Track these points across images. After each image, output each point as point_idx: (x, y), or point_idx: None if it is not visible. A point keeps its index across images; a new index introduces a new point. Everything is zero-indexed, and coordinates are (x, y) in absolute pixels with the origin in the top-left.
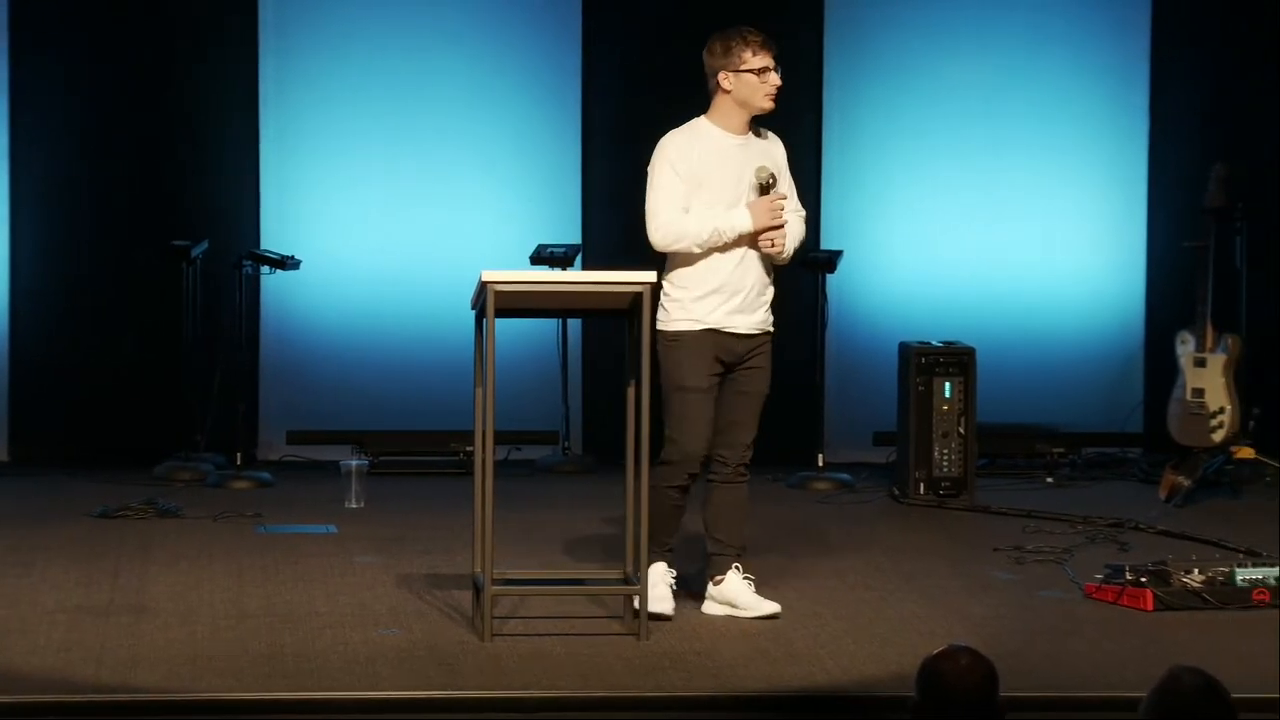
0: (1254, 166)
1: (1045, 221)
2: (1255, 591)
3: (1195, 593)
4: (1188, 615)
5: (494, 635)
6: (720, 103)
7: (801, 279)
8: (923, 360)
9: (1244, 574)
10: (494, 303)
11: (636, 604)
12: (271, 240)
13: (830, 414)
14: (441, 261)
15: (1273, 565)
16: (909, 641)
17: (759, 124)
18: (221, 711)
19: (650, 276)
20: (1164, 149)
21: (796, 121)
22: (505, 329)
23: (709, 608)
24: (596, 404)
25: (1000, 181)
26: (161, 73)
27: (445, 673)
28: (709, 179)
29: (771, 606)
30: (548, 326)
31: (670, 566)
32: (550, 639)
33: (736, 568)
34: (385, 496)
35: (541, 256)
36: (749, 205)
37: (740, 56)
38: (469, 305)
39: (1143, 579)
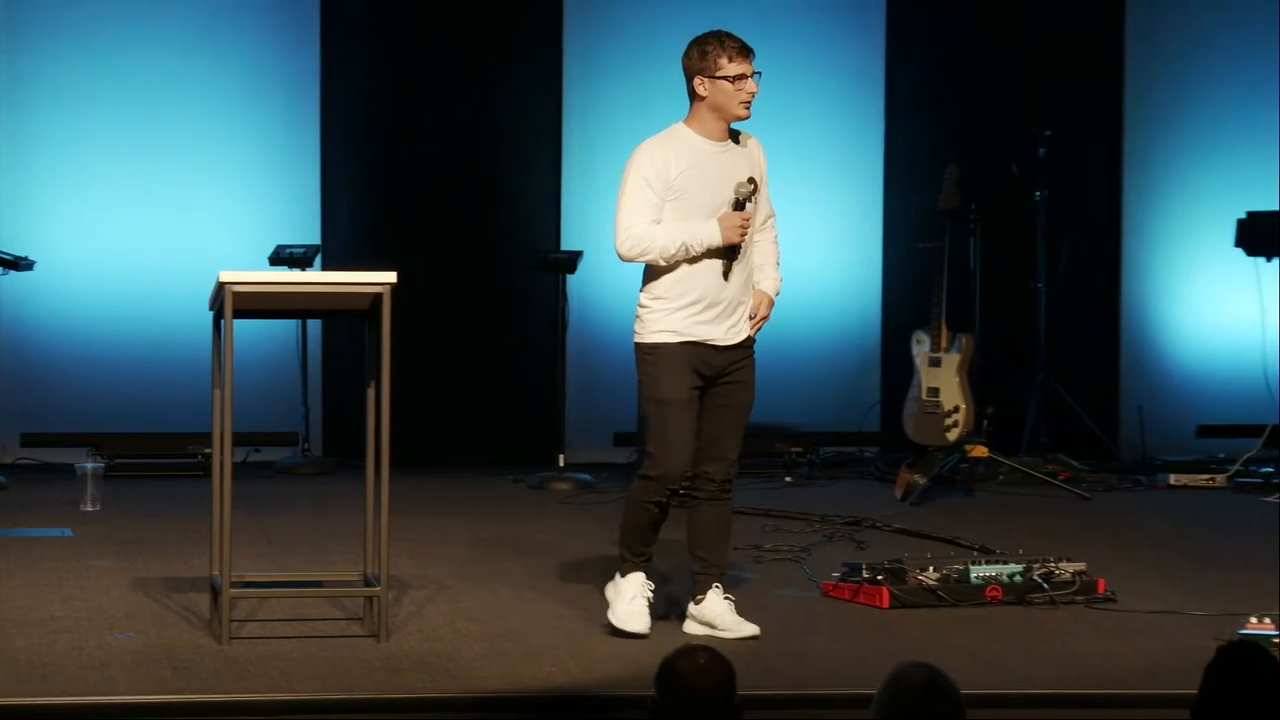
0: (986, 168)
1: (782, 221)
2: (988, 589)
3: (930, 590)
4: (923, 612)
5: (232, 638)
6: (697, 109)
7: (542, 279)
8: None
9: (978, 571)
10: (232, 304)
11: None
12: (4, 241)
13: (571, 414)
14: (179, 262)
15: (1005, 563)
16: (649, 640)
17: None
18: None
19: (390, 277)
20: (899, 151)
21: (537, 121)
22: (244, 330)
23: (689, 627)
24: (336, 405)
25: None
26: None
27: (182, 676)
28: (687, 187)
29: (751, 629)
30: (287, 327)
31: (649, 578)
32: (289, 641)
33: (717, 587)
34: (122, 499)
35: (280, 257)
36: (719, 219)
37: (716, 62)
38: (207, 306)
39: (879, 577)
